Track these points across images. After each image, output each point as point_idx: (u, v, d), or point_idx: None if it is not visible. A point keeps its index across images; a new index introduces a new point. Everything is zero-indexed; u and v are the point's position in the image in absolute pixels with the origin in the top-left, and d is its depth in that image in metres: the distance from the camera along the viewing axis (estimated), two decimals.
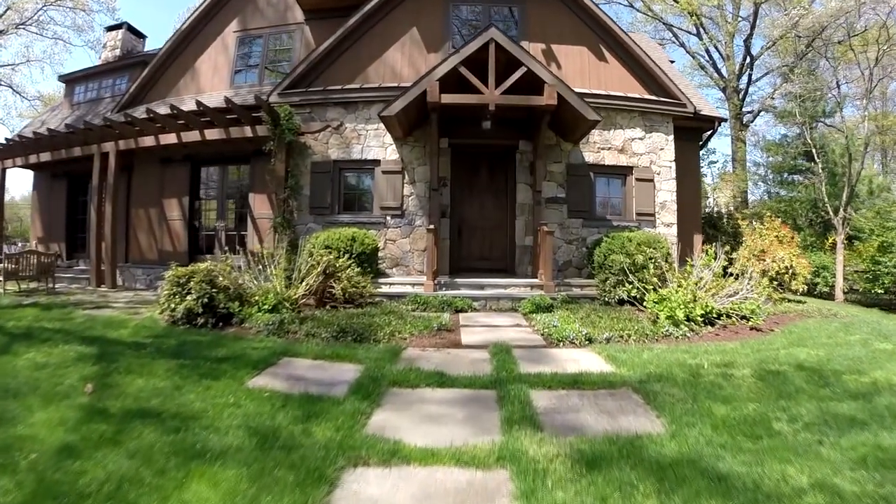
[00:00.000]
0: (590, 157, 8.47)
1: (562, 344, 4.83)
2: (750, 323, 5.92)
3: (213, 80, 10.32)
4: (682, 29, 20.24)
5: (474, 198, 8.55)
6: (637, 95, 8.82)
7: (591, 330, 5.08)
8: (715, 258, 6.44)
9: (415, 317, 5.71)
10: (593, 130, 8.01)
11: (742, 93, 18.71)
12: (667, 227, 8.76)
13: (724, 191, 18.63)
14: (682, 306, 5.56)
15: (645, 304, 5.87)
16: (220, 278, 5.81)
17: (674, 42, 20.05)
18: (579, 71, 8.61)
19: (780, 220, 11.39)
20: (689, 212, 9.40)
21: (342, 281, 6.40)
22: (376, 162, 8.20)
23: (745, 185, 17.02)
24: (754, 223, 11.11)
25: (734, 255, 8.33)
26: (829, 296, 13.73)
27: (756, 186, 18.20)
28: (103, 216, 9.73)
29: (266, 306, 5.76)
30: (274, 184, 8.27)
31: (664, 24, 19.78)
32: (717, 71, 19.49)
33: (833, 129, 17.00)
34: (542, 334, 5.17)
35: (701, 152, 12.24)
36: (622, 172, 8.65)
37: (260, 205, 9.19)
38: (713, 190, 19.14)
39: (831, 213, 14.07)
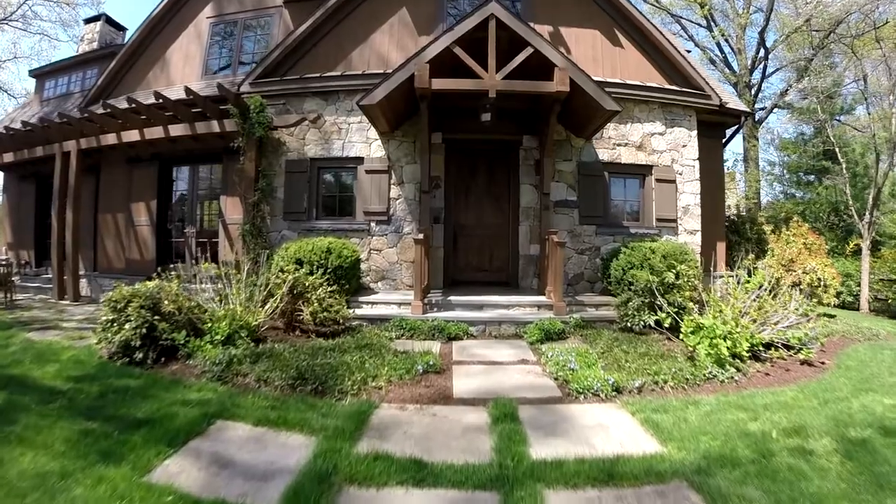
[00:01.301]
0: (604, 154, 7.23)
1: (582, 397, 3.62)
2: (800, 355, 4.78)
3: (184, 71, 9.11)
4: (691, 21, 18.92)
5: (472, 201, 7.34)
6: (656, 85, 7.58)
7: (617, 375, 3.87)
8: (749, 274, 5.26)
9: (397, 352, 4.51)
10: (608, 124, 6.77)
11: (755, 88, 17.40)
12: (690, 234, 7.53)
13: (732, 191, 17.38)
14: (724, 338, 4.36)
15: (681, 335, 4.65)
16: (166, 302, 4.65)
17: (682, 35, 18.73)
18: (591, 57, 7.38)
19: (807, 225, 10.16)
20: (712, 216, 8.17)
21: (312, 304, 5.21)
22: (359, 160, 6.98)
23: (757, 185, 15.74)
24: (781, 229, 9.89)
25: (758, 264, 7.14)
26: (853, 306, 12.50)
27: (770, 187, 16.91)
28: (65, 222, 8.57)
29: (218, 337, 4.59)
30: (243, 186, 7.07)
31: (672, 15, 18.44)
32: (728, 66, 18.16)
33: (851, 127, 15.72)
34: (556, 378, 3.96)
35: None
36: (640, 172, 7.42)
37: (232, 209, 7.99)
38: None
39: (856, 216, 12.80)
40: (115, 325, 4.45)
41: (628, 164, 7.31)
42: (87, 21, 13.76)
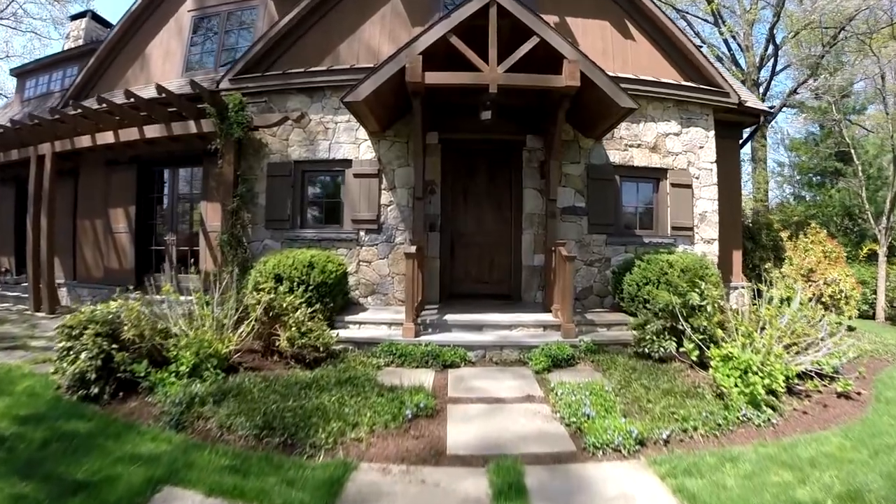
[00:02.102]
0: (615, 156, 6.55)
1: (601, 452, 2.96)
2: (836, 386, 4.17)
3: (164, 68, 8.44)
4: (697, 17, 18.16)
5: (471, 207, 6.66)
6: (671, 81, 6.90)
7: (640, 424, 3.21)
8: (767, 284, 4.63)
9: (383, 388, 3.84)
10: (620, 124, 6.08)
11: (763, 86, 16.67)
12: (707, 243, 6.86)
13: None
14: (757, 370, 3.71)
15: (712, 369, 3.98)
16: (127, 327, 4.02)
17: (688, 32, 17.98)
18: (601, 50, 6.68)
19: (825, 231, 9.47)
20: (728, 223, 7.48)
21: (289, 328, 4.55)
22: (347, 162, 6.31)
23: (766, 187, 15.00)
24: (798, 235, 9.20)
25: (776, 273, 6.49)
26: (868, 314, 11.80)
27: (780, 188, 16.14)
28: (40, 229, 7.93)
29: (183, 367, 3.95)
30: (221, 191, 6.41)
31: (677, 10, 17.69)
32: (736, 63, 17.42)
33: (861, 127, 14.99)
34: (569, 425, 3.30)
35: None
36: (654, 176, 6.74)
37: (213, 215, 7.31)
38: None
39: (871, 220, 12.09)
40: (70, 353, 3.88)
41: (641, 167, 6.63)
42: (73, 18, 13.09)
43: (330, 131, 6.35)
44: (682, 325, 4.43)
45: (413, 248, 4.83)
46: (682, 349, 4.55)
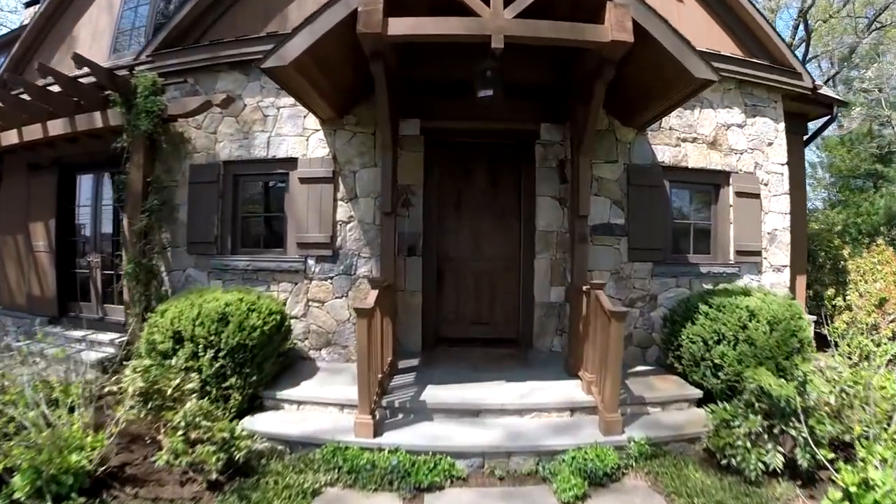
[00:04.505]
0: (664, 153, 4.62)
1: None
2: None
3: (91, 50, 6.51)
4: None
5: (464, 222, 4.76)
6: (730, 54, 4.98)
7: None
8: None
9: None
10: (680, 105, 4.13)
11: None
12: (776, 271, 4.99)
13: None
14: None
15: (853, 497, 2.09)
16: None
17: None
18: None
19: (891, 248, 7.46)
20: (797, 243, 5.55)
21: (172, 432, 2.69)
22: (291, 162, 4.39)
23: (803, 193, 12.87)
24: (861, 252, 7.24)
25: (837, 302, 4.67)
26: None
27: (813, 193, 14.05)
28: None
29: (18, 494, 2.37)
30: (130, 205, 4.54)
31: None
32: None
33: None
34: None
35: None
36: (713, 181, 4.83)
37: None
38: None
39: None
40: None
41: (697, 170, 4.70)
42: (28, 4, 11.26)
43: (270, 120, 4.44)
44: (797, 427, 2.54)
45: (369, 301, 2.94)
46: (795, 465, 2.67)
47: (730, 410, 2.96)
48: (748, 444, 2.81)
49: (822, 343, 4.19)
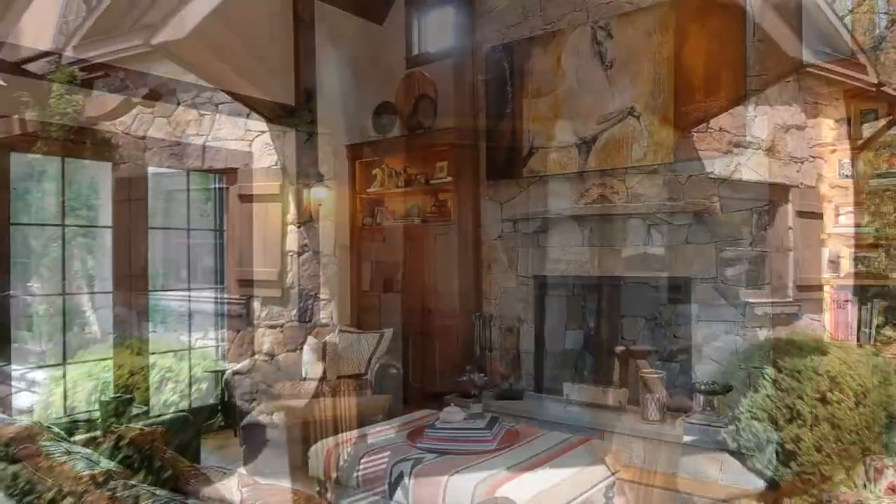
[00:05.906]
0: (714, 163, 3.53)
1: None
2: None
3: (37, 38, 5.74)
4: None
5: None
6: None
7: None
8: None
9: None
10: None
11: None
12: (840, 308, 3.89)
13: None
14: None
15: None
16: None
17: None
18: None
19: None
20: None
21: None
22: (231, 174, 3.39)
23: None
24: None
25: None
26: None
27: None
28: None
29: None
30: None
31: None
32: None
33: None
34: None
35: None
36: (770, 197, 3.73)
37: None
38: None
39: None
40: None
41: (751, 183, 3.61)
42: None
43: (206, 120, 3.46)
44: None
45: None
46: None
47: None
48: None
49: None
